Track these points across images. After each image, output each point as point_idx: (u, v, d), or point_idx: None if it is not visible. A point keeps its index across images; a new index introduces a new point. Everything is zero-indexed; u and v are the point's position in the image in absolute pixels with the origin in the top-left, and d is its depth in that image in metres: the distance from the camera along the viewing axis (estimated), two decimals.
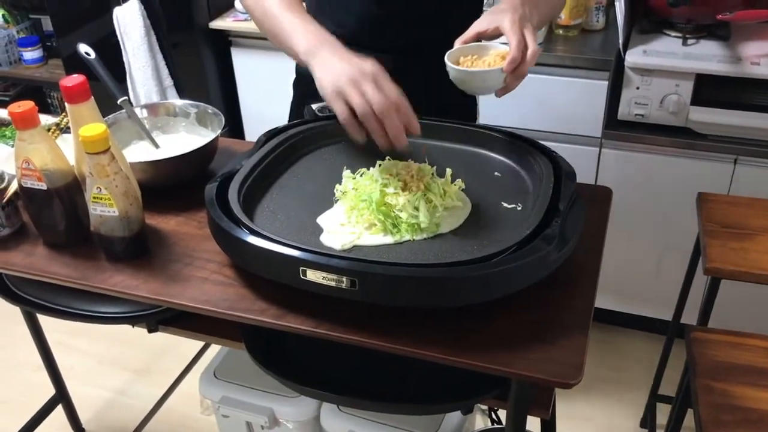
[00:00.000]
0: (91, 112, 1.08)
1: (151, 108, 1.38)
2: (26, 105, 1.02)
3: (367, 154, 1.17)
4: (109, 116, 1.30)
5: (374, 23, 1.34)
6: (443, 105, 1.28)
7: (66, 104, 1.07)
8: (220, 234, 1.01)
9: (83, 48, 1.26)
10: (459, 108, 1.46)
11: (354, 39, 1.24)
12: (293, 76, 1.52)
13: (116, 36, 2.41)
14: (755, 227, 1.47)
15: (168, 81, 2.48)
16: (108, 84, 1.27)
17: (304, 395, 1.11)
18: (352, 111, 1.05)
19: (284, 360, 1.09)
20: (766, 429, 1.16)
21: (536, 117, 2.04)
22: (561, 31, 2.07)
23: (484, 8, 1.43)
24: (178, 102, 1.38)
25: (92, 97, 1.08)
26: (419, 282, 0.88)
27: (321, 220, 1.06)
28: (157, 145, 1.31)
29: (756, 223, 1.48)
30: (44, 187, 1.07)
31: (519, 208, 1.08)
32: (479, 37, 1.15)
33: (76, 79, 1.05)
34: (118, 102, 1.29)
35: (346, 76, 1.05)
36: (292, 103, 1.55)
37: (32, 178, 1.06)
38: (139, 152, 1.31)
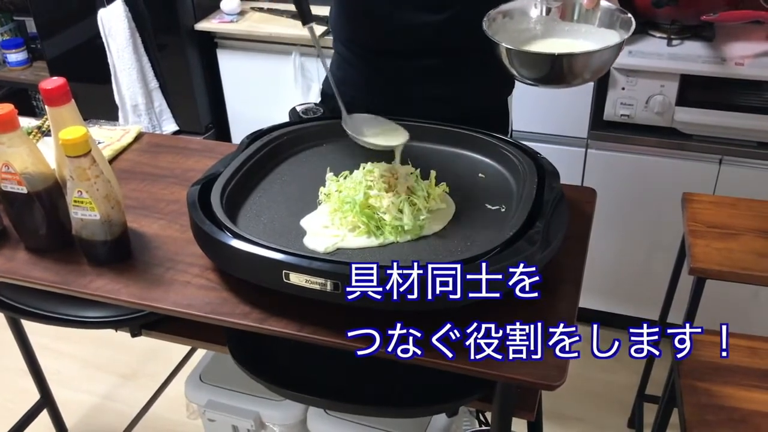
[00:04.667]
0: (71, 115, 1.07)
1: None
2: (5, 108, 1.01)
3: (351, 156, 1.16)
4: None
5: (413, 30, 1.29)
6: (482, 107, 1.27)
7: (46, 107, 1.06)
8: (202, 237, 1.00)
9: None
10: (496, 110, 1.43)
11: (397, 45, 1.24)
12: (279, 77, 1.52)
13: (101, 38, 2.39)
14: (739, 227, 1.48)
15: (153, 83, 2.47)
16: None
17: (289, 399, 1.10)
18: None
19: (269, 364, 1.08)
20: (749, 428, 1.16)
21: (522, 118, 2.04)
22: None
23: None
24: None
25: (73, 99, 1.08)
26: (403, 284, 0.88)
27: (304, 222, 1.06)
28: None
29: (740, 223, 1.49)
30: (24, 190, 1.06)
31: (503, 210, 1.07)
32: None
33: (56, 81, 1.05)
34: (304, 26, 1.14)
35: None
36: None
37: (12, 181, 1.05)
38: None
